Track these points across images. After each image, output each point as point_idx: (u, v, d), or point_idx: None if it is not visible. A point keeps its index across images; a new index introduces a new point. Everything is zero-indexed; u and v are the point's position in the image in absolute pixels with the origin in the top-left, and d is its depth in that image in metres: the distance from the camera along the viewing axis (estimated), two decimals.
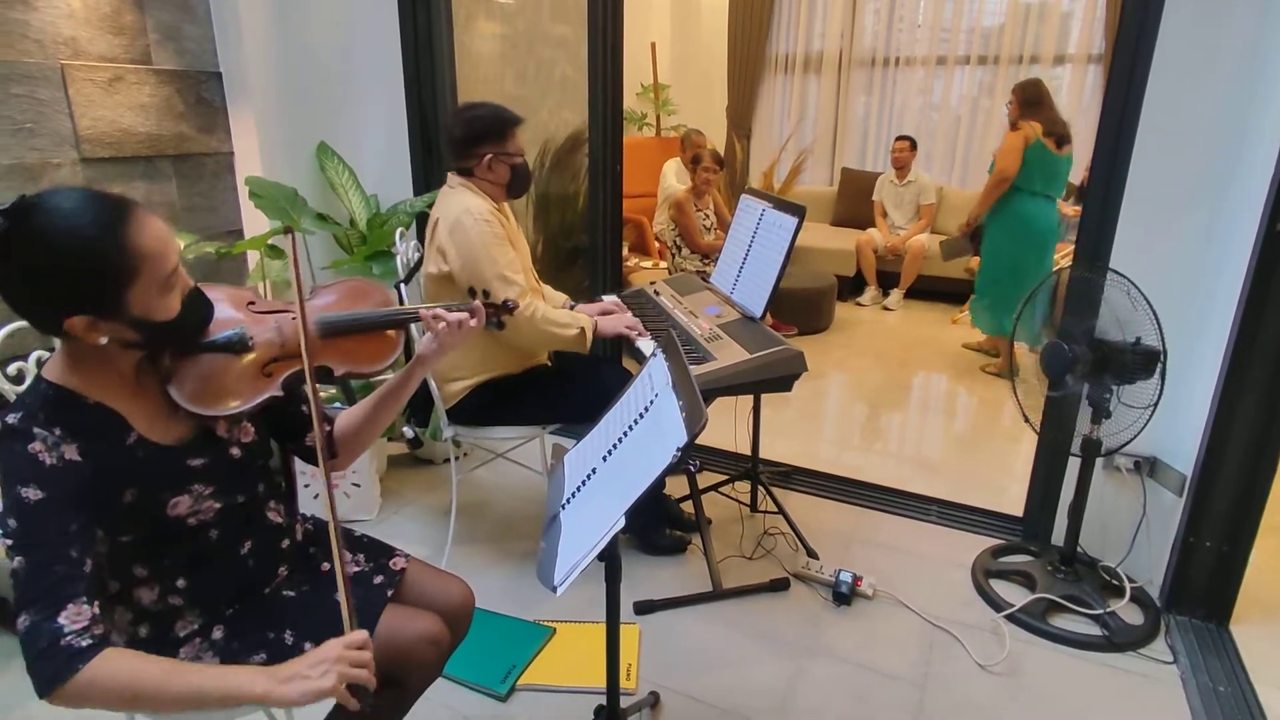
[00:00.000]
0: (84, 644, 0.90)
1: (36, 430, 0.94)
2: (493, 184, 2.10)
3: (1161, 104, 1.95)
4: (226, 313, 1.12)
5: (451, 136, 2.09)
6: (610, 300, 2.45)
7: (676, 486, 2.64)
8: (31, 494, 0.92)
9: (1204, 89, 1.90)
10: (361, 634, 0.99)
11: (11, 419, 0.94)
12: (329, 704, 1.26)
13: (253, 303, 1.18)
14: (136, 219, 0.95)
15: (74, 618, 0.90)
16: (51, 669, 0.88)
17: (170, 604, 1.11)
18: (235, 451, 1.15)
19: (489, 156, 2.06)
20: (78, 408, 0.98)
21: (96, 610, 0.93)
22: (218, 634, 1.13)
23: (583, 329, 2.09)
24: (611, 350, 3.01)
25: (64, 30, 2.32)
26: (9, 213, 0.89)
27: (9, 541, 0.90)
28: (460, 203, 2.02)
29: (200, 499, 1.08)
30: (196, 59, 2.68)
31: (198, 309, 1.06)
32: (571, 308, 2.35)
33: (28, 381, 1.17)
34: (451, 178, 2.12)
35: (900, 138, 5.45)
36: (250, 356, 1.11)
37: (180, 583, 1.11)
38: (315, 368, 1.11)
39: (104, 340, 0.96)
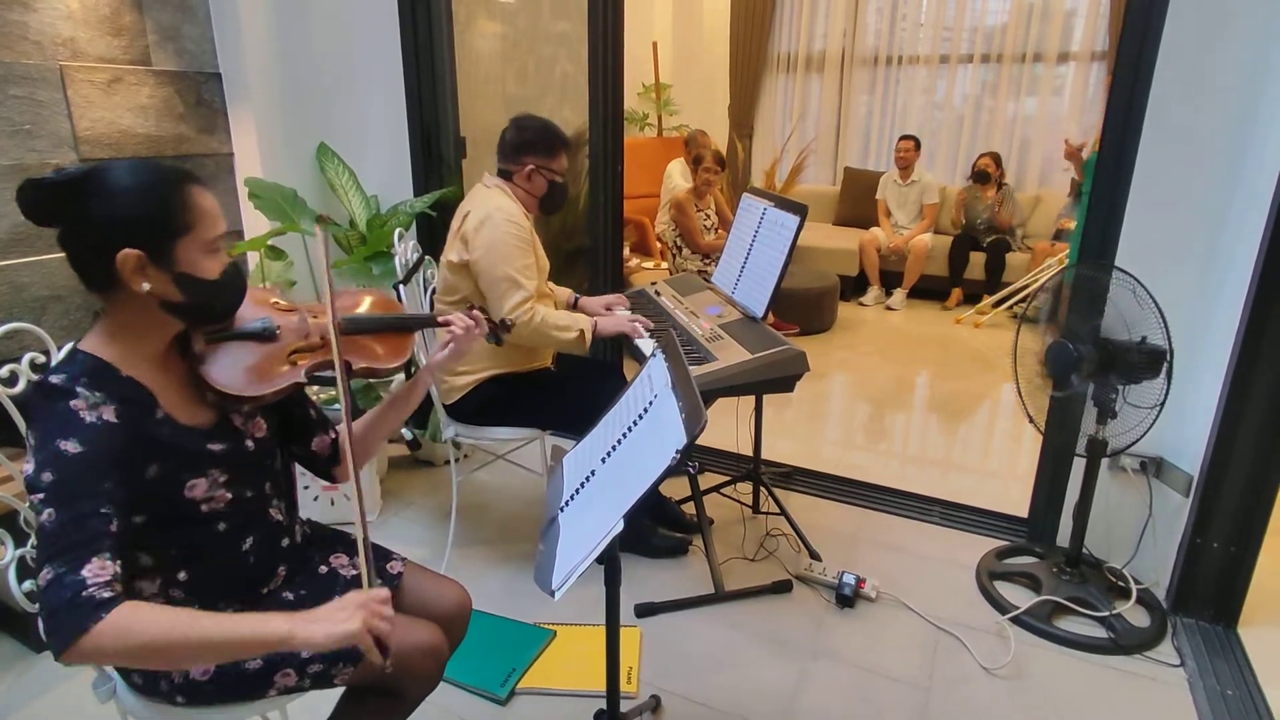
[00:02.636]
0: (105, 595, 0.89)
1: (79, 389, 0.97)
2: (528, 193, 2.18)
3: (1167, 100, 1.93)
4: (252, 308, 1.19)
5: (502, 140, 2.18)
6: (614, 296, 2.45)
7: (678, 488, 2.63)
8: (71, 447, 0.94)
9: (1210, 84, 1.88)
10: (384, 591, 1.00)
11: (54, 379, 0.98)
12: (328, 704, 1.26)
13: (276, 301, 1.26)
14: (197, 184, 1.06)
15: (98, 572, 0.90)
16: (71, 621, 0.87)
17: (170, 597, 1.11)
18: (249, 444, 1.18)
19: (531, 167, 2.14)
20: (113, 378, 1.02)
21: (119, 569, 0.93)
22: None
23: (582, 331, 2.13)
24: (613, 352, 2.99)
25: (63, 31, 2.31)
26: (87, 166, 1.00)
27: (40, 495, 0.92)
28: (494, 201, 2.10)
29: (215, 485, 1.10)
30: (196, 60, 2.68)
31: (236, 279, 1.11)
32: (575, 300, 2.39)
33: (21, 384, 1.16)
34: (488, 178, 2.20)
35: (904, 137, 5.43)
36: (277, 345, 1.18)
37: (182, 575, 1.11)
38: (338, 360, 1.19)
39: (147, 287, 1.00)
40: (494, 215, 2.04)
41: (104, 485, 0.95)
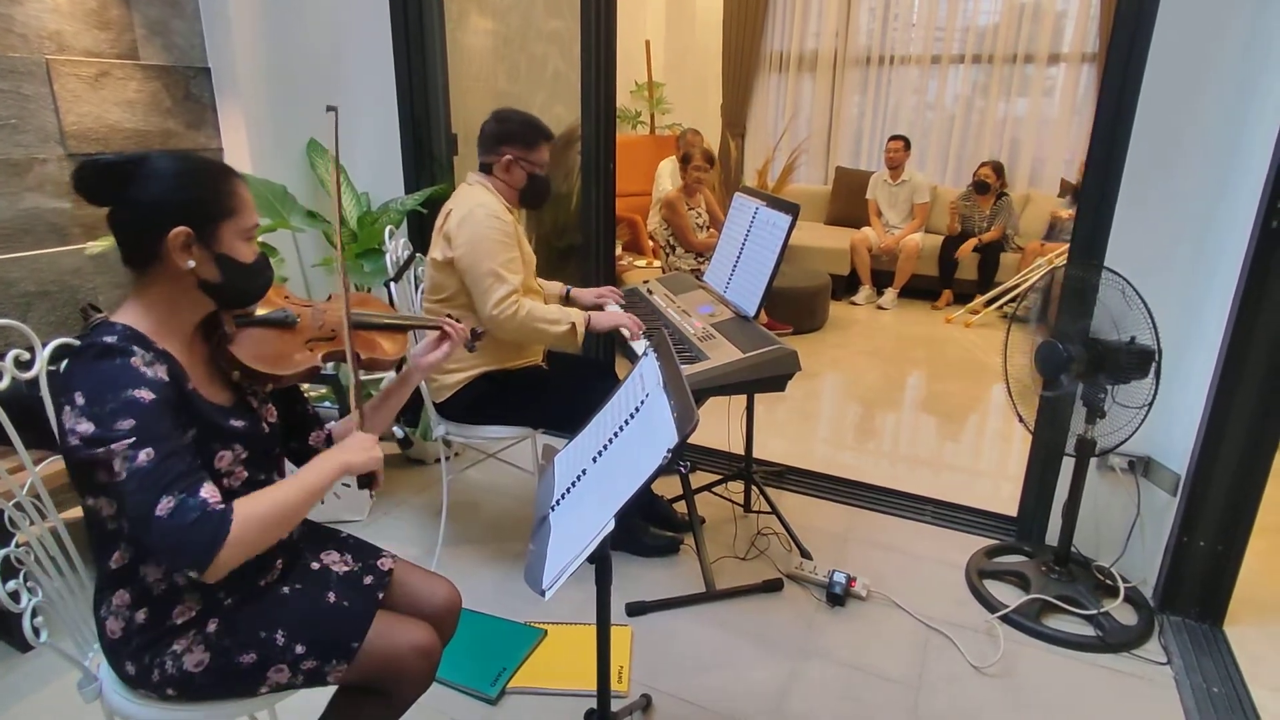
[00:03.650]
0: (224, 508, 1.00)
1: (135, 348, 1.03)
2: (508, 186, 2.16)
3: (1156, 102, 1.94)
4: (268, 303, 1.29)
5: (482, 132, 2.16)
6: (607, 289, 2.44)
7: (669, 486, 2.63)
8: (144, 395, 1.00)
9: (1199, 86, 1.89)
10: (373, 436, 1.22)
11: (107, 338, 1.02)
12: (321, 704, 1.25)
13: (288, 296, 1.36)
14: (238, 176, 1.15)
15: (212, 492, 1.00)
16: (209, 532, 0.96)
17: (173, 583, 1.11)
18: (265, 426, 1.22)
19: (509, 158, 2.12)
20: (151, 346, 1.06)
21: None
22: (212, 627, 1.12)
23: (573, 324, 2.10)
24: (605, 350, 2.99)
25: (49, 24, 2.29)
26: (140, 152, 1.07)
27: (129, 440, 0.96)
28: (475, 198, 2.08)
29: (236, 460, 1.14)
30: (184, 54, 2.65)
31: (267, 267, 1.20)
32: (567, 292, 2.38)
33: (5, 381, 1.15)
34: (471, 175, 2.18)
35: (894, 137, 5.44)
36: (295, 333, 1.28)
37: None
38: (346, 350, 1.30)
39: (191, 264, 1.07)
40: (476, 211, 2.03)
41: (176, 431, 1.02)
